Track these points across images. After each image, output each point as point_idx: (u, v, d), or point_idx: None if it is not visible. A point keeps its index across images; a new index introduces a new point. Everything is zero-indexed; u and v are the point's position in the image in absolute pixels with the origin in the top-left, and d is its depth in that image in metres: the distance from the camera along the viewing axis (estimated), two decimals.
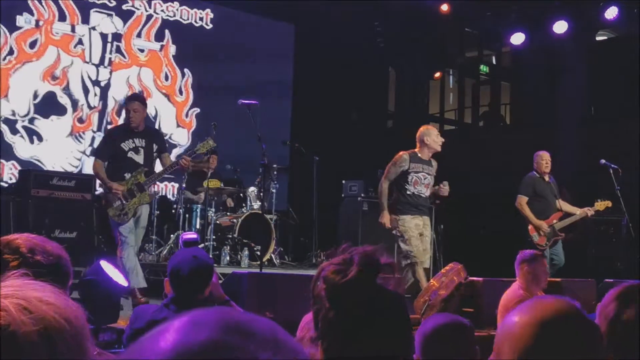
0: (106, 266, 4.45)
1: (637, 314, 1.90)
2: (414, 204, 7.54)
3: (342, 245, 1.68)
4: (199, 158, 7.99)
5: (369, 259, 1.60)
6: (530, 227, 8.69)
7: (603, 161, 9.04)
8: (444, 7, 12.85)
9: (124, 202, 6.96)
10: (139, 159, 7.14)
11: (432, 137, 7.64)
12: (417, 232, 7.47)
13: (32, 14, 10.56)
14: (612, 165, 8.95)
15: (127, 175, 7.05)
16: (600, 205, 8.83)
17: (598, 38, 14.96)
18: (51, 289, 1.05)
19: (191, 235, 4.11)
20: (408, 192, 7.52)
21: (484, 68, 18.23)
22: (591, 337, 1.45)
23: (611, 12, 12.01)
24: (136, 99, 7.49)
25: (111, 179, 7.02)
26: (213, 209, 9.40)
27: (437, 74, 16.79)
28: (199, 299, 3.48)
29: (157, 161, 7.42)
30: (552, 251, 8.72)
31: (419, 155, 7.61)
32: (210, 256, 7.28)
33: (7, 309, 0.96)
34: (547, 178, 8.89)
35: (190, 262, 3.50)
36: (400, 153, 7.63)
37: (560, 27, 12.46)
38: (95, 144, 11.01)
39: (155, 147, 7.29)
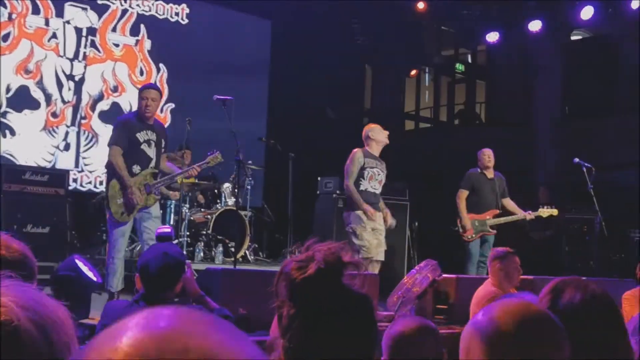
0: (79, 262, 4.43)
1: (569, 302, 2.02)
2: (365, 201, 7.54)
3: (307, 242, 1.67)
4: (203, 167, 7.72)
5: (330, 256, 1.60)
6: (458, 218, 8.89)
7: (576, 160, 9.11)
8: (420, 5, 12.90)
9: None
10: (151, 152, 6.88)
11: (376, 131, 7.78)
12: (370, 227, 7.50)
13: (5, 6, 10.43)
14: (585, 164, 9.01)
15: (136, 168, 6.77)
16: (544, 212, 8.95)
17: (573, 37, 15.07)
18: (37, 290, 1.07)
19: (165, 229, 4.07)
20: (361, 188, 7.59)
21: (459, 66, 18.32)
22: (557, 337, 1.47)
23: (587, 12, 12.10)
24: (153, 88, 7.13)
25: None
26: (187, 205, 9.35)
27: (413, 72, 16.82)
28: (169, 295, 3.45)
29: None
30: (482, 251, 8.72)
31: (370, 151, 7.73)
32: (184, 252, 7.25)
33: (9, 305, 0.98)
34: (490, 174, 8.99)
35: (159, 258, 3.46)
36: (355, 150, 7.75)
37: (534, 25, 12.54)
38: (69, 139, 10.93)
39: (163, 142, 7.07)
